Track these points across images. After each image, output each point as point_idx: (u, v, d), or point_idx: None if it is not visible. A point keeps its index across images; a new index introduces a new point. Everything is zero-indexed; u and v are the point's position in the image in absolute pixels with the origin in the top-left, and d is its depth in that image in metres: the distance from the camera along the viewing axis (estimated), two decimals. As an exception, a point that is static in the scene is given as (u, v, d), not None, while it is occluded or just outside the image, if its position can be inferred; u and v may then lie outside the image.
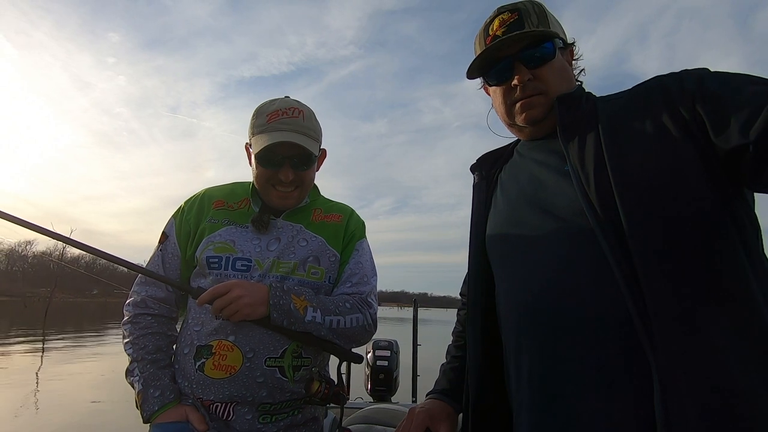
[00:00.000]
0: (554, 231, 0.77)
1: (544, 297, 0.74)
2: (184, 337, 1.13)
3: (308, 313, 1.06)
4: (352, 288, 1.20)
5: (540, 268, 0.77)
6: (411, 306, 4.20)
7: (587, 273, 0.70)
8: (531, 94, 0.85)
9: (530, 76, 0.84)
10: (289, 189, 1.16)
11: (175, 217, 1.22)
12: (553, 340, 0.72)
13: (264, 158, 1.12)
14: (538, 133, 0.91)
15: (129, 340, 1.13)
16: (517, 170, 0.94)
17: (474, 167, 1.06)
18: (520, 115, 0.87)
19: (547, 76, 0.85)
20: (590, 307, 0.68)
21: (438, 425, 0.93)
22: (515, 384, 0.81)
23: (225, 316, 1.02)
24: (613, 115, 0.77)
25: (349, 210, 1.32)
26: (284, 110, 1.14)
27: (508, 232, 0.87)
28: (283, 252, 1.15)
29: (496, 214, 0.93)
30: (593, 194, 0.70)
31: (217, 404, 1.06)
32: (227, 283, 1.03)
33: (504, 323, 0.86)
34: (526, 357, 0.77)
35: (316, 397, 1.08)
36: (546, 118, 0.86)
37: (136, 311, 1.16)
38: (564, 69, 0.88)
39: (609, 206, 0.68)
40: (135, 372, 1.10)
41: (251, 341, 1.06)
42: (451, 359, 1.06)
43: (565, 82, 0.88)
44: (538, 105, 0.85)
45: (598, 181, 0.71)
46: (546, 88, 0.85)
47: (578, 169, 0.74)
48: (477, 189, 1.02)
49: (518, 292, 0.81)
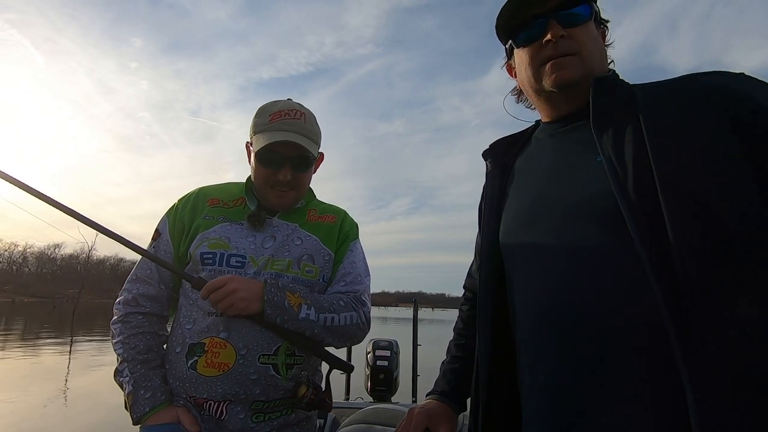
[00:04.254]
0: (582, 229, 0.69)
1: (569, 301, 0.69)
2: (175, 336, 1.12)
3: (302, 310, 1.06)
4: (347, 287, 1.20)
5: (564, 270, 0.70)
6: (429, 307, 4.19)
7: (619, 278, 0.64)
8: (564, 52, 0.77)
9: (564, 33, 0.77)
10: (286, 189, 1.17)
11: (168, 215, 1.21)
12: (578, 347, 0.67)
13: (264, 157, 1.14)
14: (565, 110, 0.83)
15: (119, 340, 1.11)
16: (536, 158, 0.87)
17: (486, 153, 0.98)
18: (549, 76, 0.79)
19: (583, 37, 0.78)
20: (620, 314, 0.63)
21: (437, 426, 0.92)
22: (528, 389, 0.76)
23: (220, 310, 1.02)
24: (656, 107, 0.69)
25: (342, 212, 1.33)
26: (287, 111, 1.16)
27: (527, 227, 0.80)
28: (277, 250, 1.15)
29: (513, 206, 0.86)
30: (632, 191, 0.63)
31: (210, 402, 1.05)
32: (223, 278, 1.04)
33: (519, 325, 0.79)
34: (544, 362, 0.72)
35: (302, 402, 1.07)
36: (577, 85, 0.78)
37: (126, 310, 1.14)
38: (598, 40, 0.81)
39: (650, 206, 0.61)
40: (125, 372, 1.07)
41: (245, 338, 1.05)
42: (452, 359, 1.03)
43: (600, 53, 0.81)
44: (570, 66, 0.77)
45: (638, 177, 0.64)
46: (580, 48, 0.77)
47: (614, 162, 0.67)
48: (490, 178, 0.94)
49: (538, 294, 0.74)
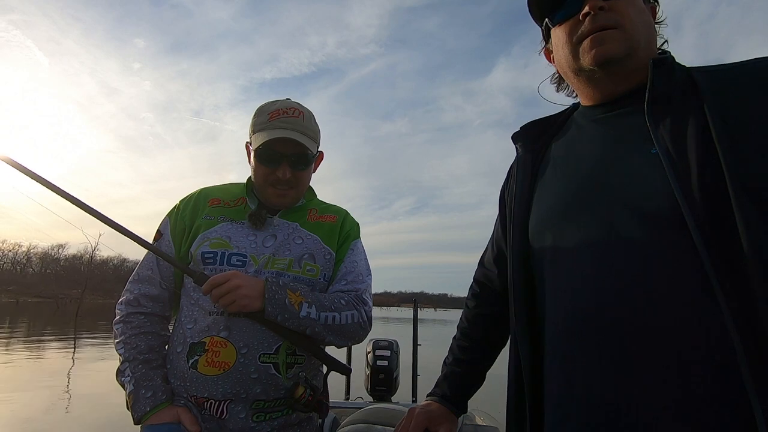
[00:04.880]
0: (631, 226, 0.63)
1: (615, 306, 0.62)
2: (176, 336, 1.12)
3: (303, 309, 1.06)
4: (348, 285, 1.19)
5: (610, 270, 0.63)
6: (431, 307, 4.20)
7: (673, 282, 0.58)
8: (603, 26, 0.70)
9: (604, 4, 0.70)
10: (285, 188, 1.17)
11: (170, 215, 1.22)
12: (624, 356, 0.60)
13: (263, 155, 1.14)
14: (609, 92, 0.75)
15: (121, 340, 1.11)
16: (577, 145, 0.79)
17: (516, 136, 0.89)
18: (588, 52, 0.72)
19: (624, 8, 0.70)
20: (675, 322, 0.57)
21: (437, 427, 0.90)
22: (559, 399, 0.70)
23: (221, 306, 1.02)
24: (725, 94, 0.61)
25: (343, 211, 1.33)
26: (285, 110, 1.16)
27: (567, 219, 0.72)
28: (278, 249, 1.15)
29: (549, 196, 0.78)
30: (696, 191, 0.57)
31: (211, 402, 1.05)
32: (226, 273, 1.04)
33: (551, 326, 0.73)
34: (581, 371, 0.65)
35: (299, 403, 1.06)
36: (620, 62, 0.71)
37: (128, 310, 1.14)
38: (644, 12, 0.74)
39: (717, 206, 0.55)
40: (126, 372, 1.08)
41: (245, 337, 1.05)
42: (455, 361, 1.00)
43: (647, 28, 0.73)
44: (611, 40, 0.70)
45: (703, 172, 0.57)
46: (622, 20, 0.70)
47: (673, 155, 0.60)
48: (521, 163, 0.86)
49: (577, 296, 0.67)
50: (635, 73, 0.72)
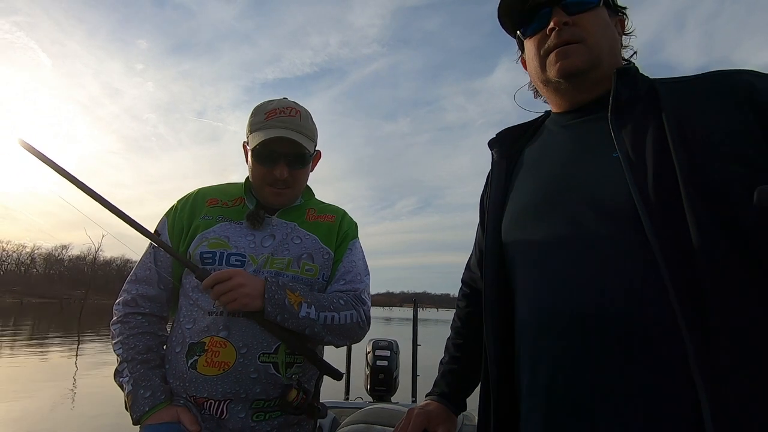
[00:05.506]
0: (595, 226, 0.67)
1: (577, 300, 0.65)
2: (175, 336, 1.11)
3: (302, 309, 1.06)
4: (346, 285, 1.19)
5: (572, 265, 0.67)
6: (434, 307, 4.20)
7: (632, 278, 0.61)
8: (567, 40, 0.75)
9: (568, 20, 0.75)
10: (282, 187, 1.17)
11: (167, 215, 1.21)
12: (583, 348, 0.64)
13: (260, 155, 1.14)
14: (576, 101, 0.80)
15: (119, 340, 1.11)
16: (547, 150, 0.83)
17: (492, 142, 0.94)
18: (554, 65, 0.77)
19: (588, 24, 0.75)
20: (630, 316, 0.60)
21: (436, 427, 0.91)
22: (528, 390, 0.73)
23: (222, 303, 1.02)
24: (681, 105, 0.66)
25: (341, 211, 1.32)
26: (281, 109, 1.16)
27: (536, 219, 0.76)
28: (277, 248, 1.15)
29: (521, 197, 0.83)
30: (651, 191, 0.61)
31: (210, 402, 1.04)
32: (230, 270, 1.03)
33: (522, 321, 0.76)
34: (546, 364, 0.69)
35: (291, 406, 1.05)
36: (584, 74, 0.76)
37: (126, 310, 1.14)
38: (609, 27, 0.78)
39: (671, 207, 0.59)
40: (124, 372, 1.07)
41: (244, 337, 1.05)
42: (451, 359, 1.01)
43: (609, 41, 0.77)
44: (574, 54, 0.75)
45: (658, 176, 0.62)
46: (585, 35, 0.75)
47: (632, 158, 0.65)
48: (496, 167, 0.91)
49: (543, 292, 0.71)
50: (600, 82, 0.77)
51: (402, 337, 3.71)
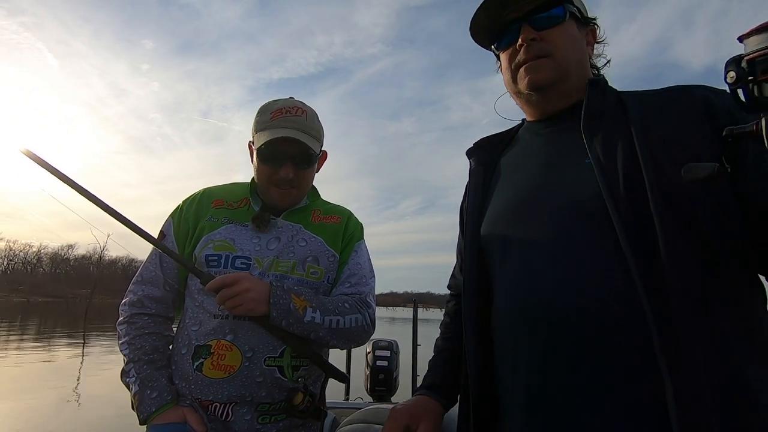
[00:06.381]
0: (568, 228, 0.71)
1: (549, 299, 0.69)
2: (181, 338, 1.11)
3: (308, 313, 1.05)
4: (351, 288, 1.19)
5: (546, 263, 0.71)
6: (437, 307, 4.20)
7: (603, 278, 0.65)
8: (536, 55, 0.79)
9: (536, 36, 0.79)
10: (287, 187, 1.16)
11: (173, 216, 1.20)
12: (555, 347, 0.67)
13: (266, 155, 1.13)
14: (548, 110, 0.85)
15: (125, 341, 1.11)
16: (522, 157, 0.87)
17: (470, 152, 0.98)
18: (523, 79, 0.81)
19: (555, 38, 0.79)
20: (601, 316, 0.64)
21: (418, 423, 0.88)
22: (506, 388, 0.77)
23: (227, 307, 1.01)
24: (648, 114, 0.71)
25: (347, 212, 1.31)
26: (288, 108, 1.15)
27: (512, 222, 0.80)
28: (282, 251, 1.14)
29: (497, 203, 0.86)
30: (622, 194, 0.66)
31: (216, 404, 1.04)
32: (236, 275, 1.03)
33: (498, 320, 0.80)
34: (522, 362, 0.73)
35: (297, 410, 1.06)
36: (552, 86, 0.80)
37: (132, 311, 1.14)
38: (576, 40, 0.82)
39: (639, 210, 0.64)
40: (131, 373, 1.07)
41: (250, 340, 1.04)
42: (438, 353, 1.02)
43: (577, 54, 0.81)
44: (542, 68, 0.79)
45: (628, 180, 0.66)
46: (552, 50, 0.79)
47: (604, 165, 0.69)
48: (474, 175, 0.95)
49: (518, 291, 0.74)
50: (569, 93, 0.82)
51: (405, 337, 3.71)
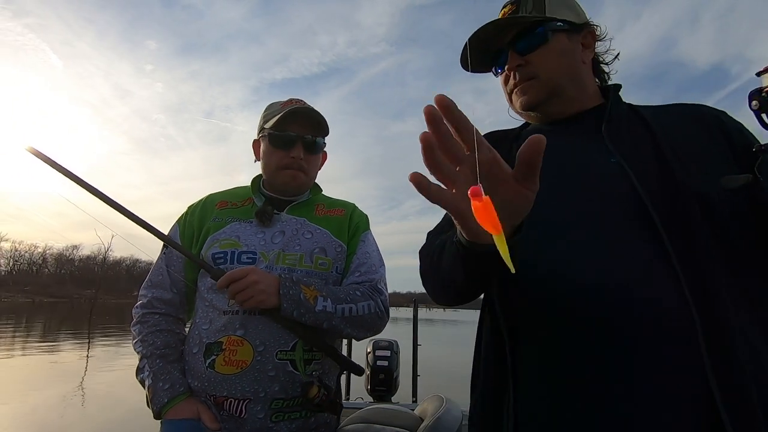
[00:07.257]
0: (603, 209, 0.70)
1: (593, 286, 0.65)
2: (192, 337, 1.12)
3: (319, 303, 1.06)
4: (362, 277, 1.19)
5: (592, 259, 0.67)
6: (439, 308, 4.22)
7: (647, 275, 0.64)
8: (524, 79, 0.84)
9: (521, 62, 0.83)
10: (296, 168, 1.19)
11: (178, 222, 1.24)
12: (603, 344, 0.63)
13: (277, 138, 1.17)
14: (551, 119, 0.87)
15: (138, 339, 1.13)
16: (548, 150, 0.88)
17: None
18: (517, 101, 0.86)
19: (540, 60, 0.82)
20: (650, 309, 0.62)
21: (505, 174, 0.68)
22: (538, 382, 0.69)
23: (238, 301, 1.02)
24: (665, 122, 0.75)
25: (351, 205, 1.33)
26: (296, 100, 1.23)
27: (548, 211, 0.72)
28: (287, 244, 1.15)
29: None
30: (657, 192, 0.67)
31: (230, 400, 1.04)
32: (244, 269, 1.04)
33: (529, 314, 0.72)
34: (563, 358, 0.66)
35: (312, 403, 1.05)
36: (544, 103, 0.84)
37: (144, 311, 1.17)
38: (565, 54, 0.83)
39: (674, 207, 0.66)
40: (145, 369, 1.09)
41: (261, 335, 1.04)
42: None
43: (566, 68, 0.83)
44: (529, 90, 0.84)
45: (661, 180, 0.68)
46: (538, 72, 0.82)
47: (634, 164, 0.71)
48: None
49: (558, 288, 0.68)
50: (570, 102, 0.84)
51: (407, 338, 3.71)
